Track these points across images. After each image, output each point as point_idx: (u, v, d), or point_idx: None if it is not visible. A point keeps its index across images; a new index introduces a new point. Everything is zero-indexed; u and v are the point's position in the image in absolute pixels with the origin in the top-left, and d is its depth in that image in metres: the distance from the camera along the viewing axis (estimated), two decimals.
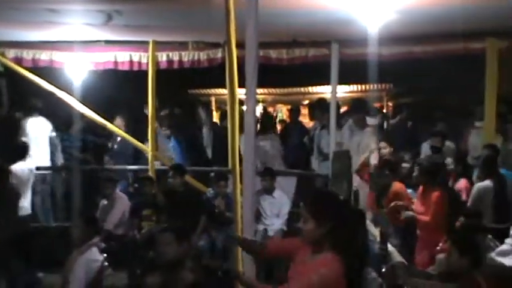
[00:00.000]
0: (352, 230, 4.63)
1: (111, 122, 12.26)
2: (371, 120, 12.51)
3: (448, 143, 11.35)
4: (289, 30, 10.87)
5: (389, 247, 7.16)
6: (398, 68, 13.08)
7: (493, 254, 7.37)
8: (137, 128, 13.07)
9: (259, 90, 6.70)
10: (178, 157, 12.91)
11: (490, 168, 9.40)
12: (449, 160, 9.89)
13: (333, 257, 4.35)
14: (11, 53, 11.84)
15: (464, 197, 9.79)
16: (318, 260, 4.40)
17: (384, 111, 17.58)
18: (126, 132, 12.34)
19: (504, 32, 11.17)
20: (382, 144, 10.74)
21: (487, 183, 9.23)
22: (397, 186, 9.49)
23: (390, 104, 18.32)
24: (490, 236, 7.98)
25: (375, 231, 7.91)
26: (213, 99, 19.49)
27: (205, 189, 11.58)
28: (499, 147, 10.62)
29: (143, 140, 12.16)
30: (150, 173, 11.42)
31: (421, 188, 8.92)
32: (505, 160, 10.52)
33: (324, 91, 17.70)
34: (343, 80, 13.19)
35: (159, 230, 6.98)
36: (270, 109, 19.13)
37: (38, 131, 12.23)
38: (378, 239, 7.25)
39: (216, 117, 17.40)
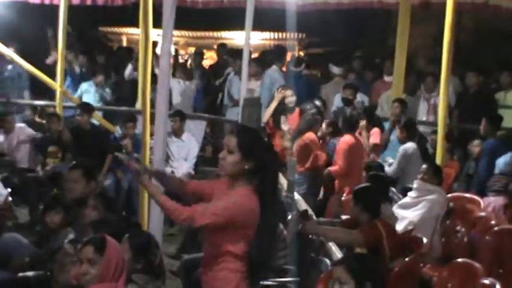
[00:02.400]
0: (273, 173, 4.60)
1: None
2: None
3: (360, 96, 11.48)
4: None
5: (296, 195, 7.25)
6: (312, 18, 13.12)
7: (395, 207, 7.56)
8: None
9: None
10: None
11: (412, 131, 9.63)
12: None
13: (251, 189, 4.39)
14: None
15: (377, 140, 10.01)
16: (237, 190, 4.43)
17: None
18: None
19: None
20: (288, 92, 10.72)
21: (411, 144, 9.46)
22: (307, 136, 9.50)
23: (302, 53, 18.39)
24: (393, 189, 8.20)
25: (281, 179, 7.98)
26: (124, 38, 19.23)
27: (113, 128, 11.48)
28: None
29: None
30: (58, 110, 11.22)
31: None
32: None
33: (235, 37, 17.67)
34: (257, 27, 13.16)
35: (67, 167, 6.88)
36: (182, 52, 18.98)
37: None
38: (285, 187, 7.32)
39: None
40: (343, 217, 7.07)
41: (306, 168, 9.20)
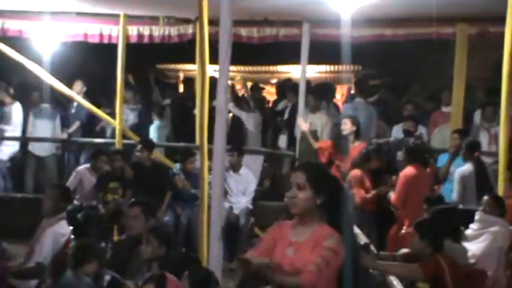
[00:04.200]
0: (342, 206, 4.41)
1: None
2: None
3: (420, 128, 11.40)
4: (261, 8, 10.83)
5: (356, 229, 7.19)
6: (368, 50, 13.11)
7: None
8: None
9: None
10: None
11: (471, 152, 9.53)
12: None
13: (331, 229, 4.15)
14: None
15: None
16: (318, 231, 4.18)
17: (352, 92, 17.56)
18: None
19: (474, 17, 11.25)
20: (346, 120, 10.65)
21: (468, 166, 9.38)
22: (352, 172, 9.45)
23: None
24: None
25: None
26: (181, 74, 19.42)
27: (172, 165, 11.56)
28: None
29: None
30: (117, 147, 11.35)
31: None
32: None
33: (292, 70, 17.71)
34: (313, 60, 13.19)
35: (127, 204, 6.94)
36: (238, 87, 19.07)
37: None
38: None
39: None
40: (403, 250, 6.97)
41: None
